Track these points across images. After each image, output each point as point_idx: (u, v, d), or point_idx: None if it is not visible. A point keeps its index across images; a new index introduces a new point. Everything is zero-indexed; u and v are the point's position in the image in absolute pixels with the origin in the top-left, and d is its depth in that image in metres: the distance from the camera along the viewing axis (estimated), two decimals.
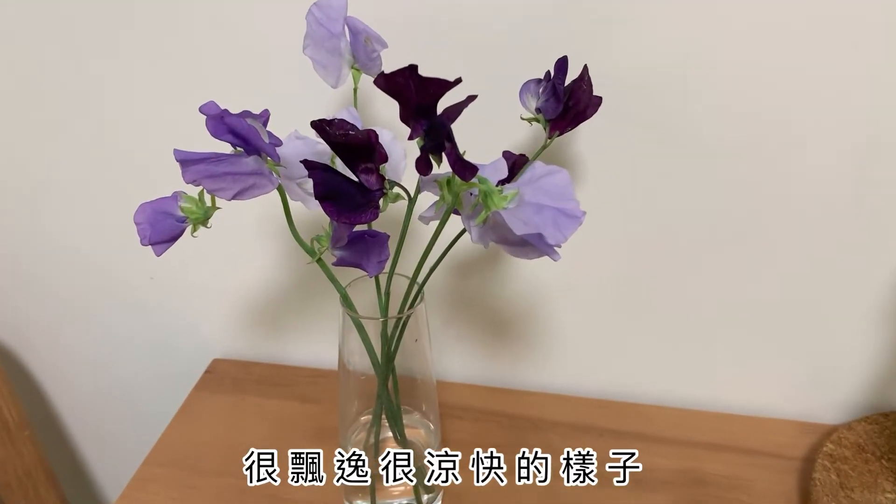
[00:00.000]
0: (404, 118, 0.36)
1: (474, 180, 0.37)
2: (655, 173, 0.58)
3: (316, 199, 0.37)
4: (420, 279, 0.45)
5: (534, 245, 0.36)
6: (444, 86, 0.33)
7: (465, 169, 0.35)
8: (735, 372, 0.66)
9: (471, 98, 0.34)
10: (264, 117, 0.41)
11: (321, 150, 0.46)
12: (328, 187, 0.37)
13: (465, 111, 0.34)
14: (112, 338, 0.80)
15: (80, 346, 0.82)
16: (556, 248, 0.35)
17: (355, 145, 0.37)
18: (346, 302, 0.48)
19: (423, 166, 0.36)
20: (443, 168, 0.37)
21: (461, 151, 0.35)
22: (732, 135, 0.56)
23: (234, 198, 0.39)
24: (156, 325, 0.77)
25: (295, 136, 0.44)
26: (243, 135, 0.38)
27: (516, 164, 0.47)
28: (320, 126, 0.37)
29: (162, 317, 0.76)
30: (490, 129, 0.53)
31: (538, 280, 0.65)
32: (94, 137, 0.67)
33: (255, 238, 0.69)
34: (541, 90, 0.46)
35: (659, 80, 0.55)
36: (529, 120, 0.47)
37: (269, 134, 0.42)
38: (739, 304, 0.62)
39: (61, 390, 0.87)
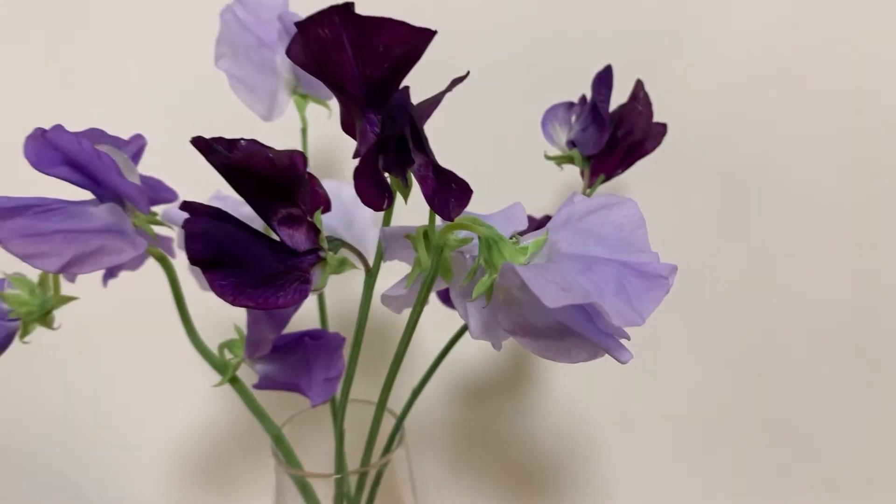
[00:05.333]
0: (345, 118, 0.21)
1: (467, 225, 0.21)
2: (753, 247, 0.44)
3: (192, 263, 0.21)
4: (391, 404, 0.28)
5: (579, 333, 0.19)
6: (406, 36, 0.18)
7: (447, 193, 0.19)
8: None
9: (456, 80, 0.20)
10: (135, 146, 0.26)
11: (248, 214, 0.31)
12: (213, 244, 0.21)
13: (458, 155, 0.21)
14: None
15: None
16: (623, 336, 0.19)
17: (265, 174, 0.22)
18: (282, 448, 0.30)
19: (373, 190, 0.20)
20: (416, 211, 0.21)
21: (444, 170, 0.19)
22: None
23: (64, 269, 0.23)
24: (49, 469, 0.57)
25: (216, 196, 0.31)
26: (86, 166, 0.23)
27: (542, 225, 0.32)
28: (205, 144, 0.22)
29: (59, 459, 0.56)
30: (499, 189, 0.38)
31: (580, 407, 0.52)
32: None
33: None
34: (574, 116, 0.31)
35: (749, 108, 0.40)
36: (558, 160, 0.32)
37: (149, 183, 0.27)
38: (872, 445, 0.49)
39: None
